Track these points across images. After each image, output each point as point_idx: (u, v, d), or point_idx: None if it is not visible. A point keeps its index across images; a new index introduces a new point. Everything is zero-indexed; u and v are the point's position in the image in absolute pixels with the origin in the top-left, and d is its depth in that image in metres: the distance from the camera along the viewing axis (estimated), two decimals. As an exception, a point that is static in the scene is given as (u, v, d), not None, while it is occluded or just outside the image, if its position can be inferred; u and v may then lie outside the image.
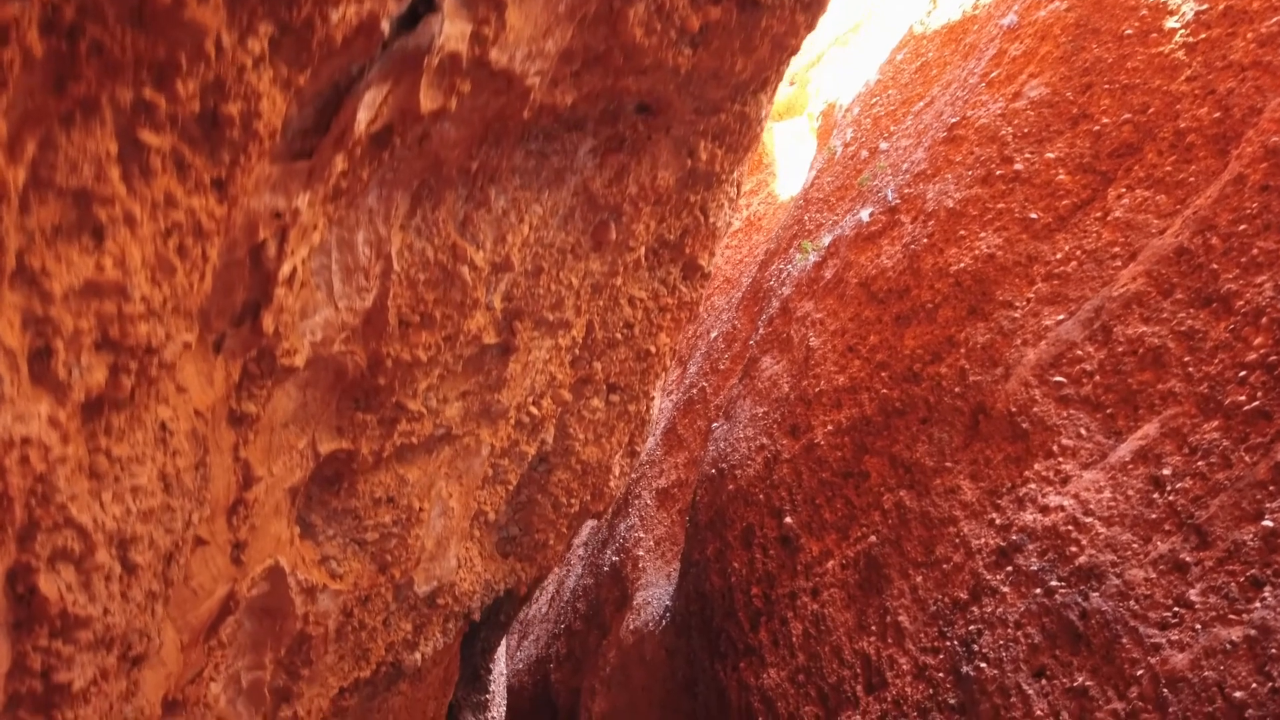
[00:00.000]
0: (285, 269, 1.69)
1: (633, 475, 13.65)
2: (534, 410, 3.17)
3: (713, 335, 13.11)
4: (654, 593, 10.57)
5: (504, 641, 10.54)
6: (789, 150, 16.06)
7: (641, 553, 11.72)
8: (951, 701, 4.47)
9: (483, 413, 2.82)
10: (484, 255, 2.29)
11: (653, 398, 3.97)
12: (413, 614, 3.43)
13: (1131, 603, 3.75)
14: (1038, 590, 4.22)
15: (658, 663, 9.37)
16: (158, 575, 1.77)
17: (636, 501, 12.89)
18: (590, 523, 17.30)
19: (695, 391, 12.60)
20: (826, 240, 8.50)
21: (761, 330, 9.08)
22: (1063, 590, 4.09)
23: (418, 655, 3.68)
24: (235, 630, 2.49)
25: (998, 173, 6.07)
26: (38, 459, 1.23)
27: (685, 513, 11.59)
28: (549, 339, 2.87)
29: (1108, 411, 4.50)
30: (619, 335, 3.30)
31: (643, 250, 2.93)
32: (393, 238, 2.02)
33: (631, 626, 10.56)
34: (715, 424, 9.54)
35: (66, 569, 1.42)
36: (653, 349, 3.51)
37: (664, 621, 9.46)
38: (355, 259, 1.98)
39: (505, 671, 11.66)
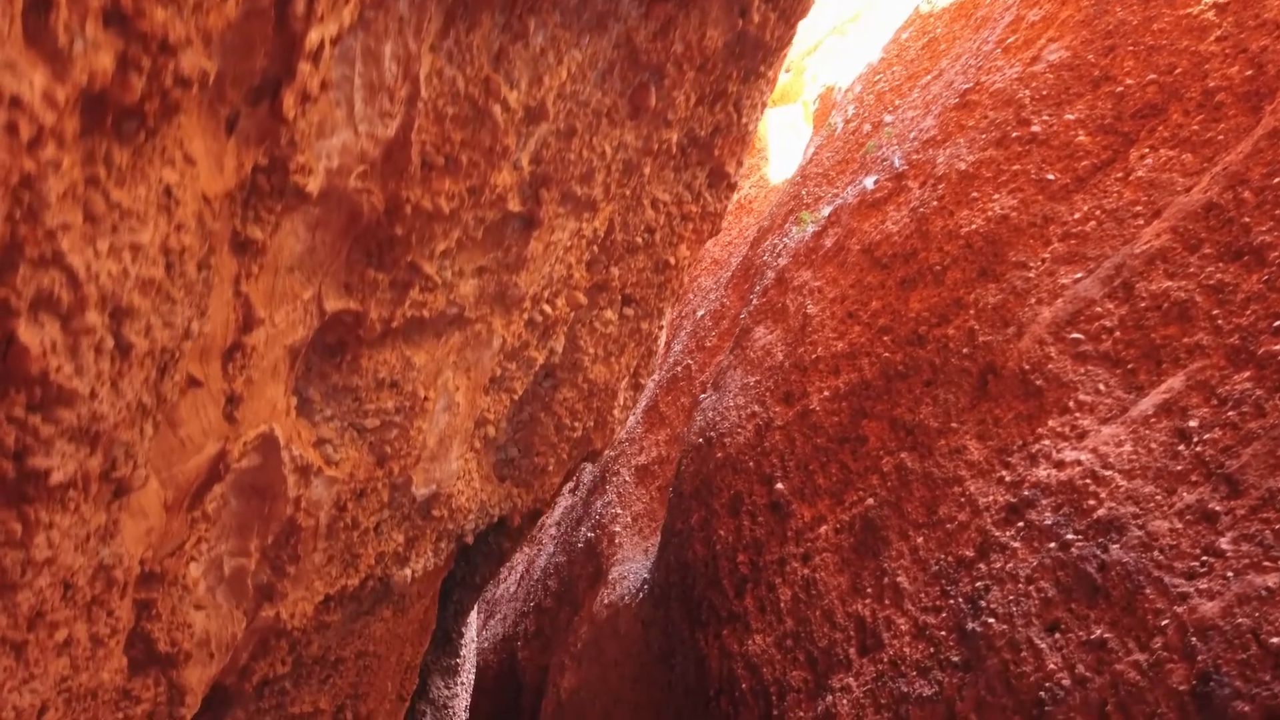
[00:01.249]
0: (313, 38, 1.47)
1: (611, 453, 13.46)
2: (547, 309, 2.95)
3: (699, 314, 12.94)
4: (630, 567, 10.38)
5: (475, 612, 10.29)
6: (782, 136, 15.95)
7: (618, 528, 11.52)
8: (955, 659, 4.31)
9: (498, 296, 2.59)
10: (518, 96, 2.07)
11: (664, 320, 3.77)
12: (406, 524, 3.20)
13: (1155, 553, 3.61)
14: (1051, 545, 4.07)
15: (632, 636, 9.17)
16: (150, 383, 1.54)
17: (614, 479, 12.69)
18: (564, 502, 17.09)
19: (680, 369, 12.43)
20: (826, 211, 8.35)
21: (755, 301, 8.91)
22: (1079, 544, 3.94)
23: (407, 571, 3.45)
24: (221, 506, 2.26)
25: (1014, 135, 5.93)
26: (28, 133, 1.01)
27: (665, 489, 11.40)
28: (573, 220, 2.65)
29: (1128, 367, 4.37)
30: (639, 240, 3.09)
31: (675, 137, 2.72)
32: (422, 57, 1.81)
33: (606, 601, 10.36)
34: (703, 395, 9.37)
35: (52, 323, 1.19)
36: (672, 260, 3.31)
37: (640, 594, 9.27)
38: (380, 75, 1.76)
39: (475, 640, 11.40)
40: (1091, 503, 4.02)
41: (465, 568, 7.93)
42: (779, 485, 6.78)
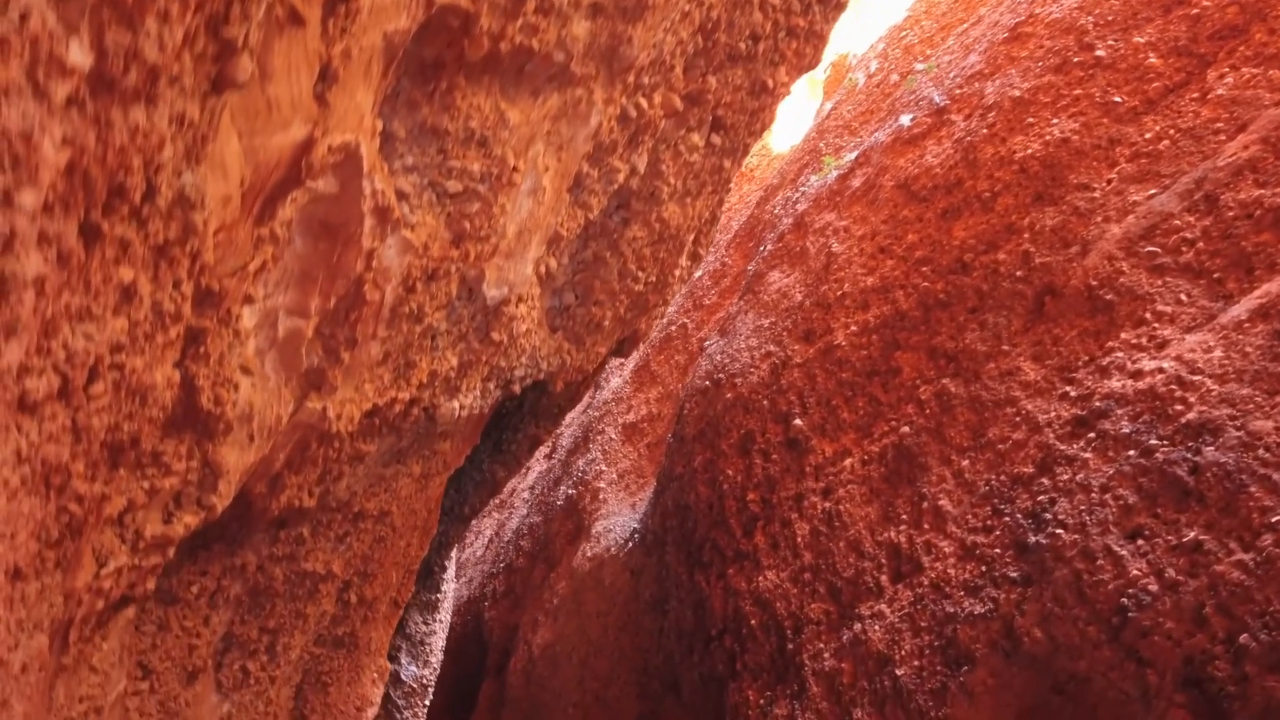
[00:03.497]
0: None
1: (595, 413, 13.11)
2: (643, 103, 2.60)
3: (696, 275, 12.61)
4: (616, 521, 10.04)
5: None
6: (786, 108, 15.68)
7: (603, 484, 11.18)
8: (1013, 575, 4.02)
9: (607, 54, 2.25)
10: None
11: (741, 163, 3.44)
12: (462, 345, 2.83)
13: (1260, 452, 3.34)
14: (1131, 452, 3.80)
15: (618, 586, 8.83)
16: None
17: (599, 438, 12.34)
18: (539, 466, 16.70)
19: (674, 328, 12.10)
20: (852, 155, 8.07)
21: (769, 247, 8.61)
22: (1164, 449, 3.67)
23: (455, 404, 3.08)
24: (288, 240, 1.88)
25: (1075, 60, 5.68)
26: None
27: (655, 446, 11.08)
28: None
29: (1214, 277, 4.11)
30: (742, 47, 2.76)
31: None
32: None
33: (589, 554, 10.00)
34: (708, 342, 9.04)
35: None
36: (769, 83, 2.98)
37: (630, 544, 8.93)
38: None
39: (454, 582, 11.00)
40: (1178, 408, 3.75)
41: (454, 497, 7.55)
42: (797, 422, 6.47)
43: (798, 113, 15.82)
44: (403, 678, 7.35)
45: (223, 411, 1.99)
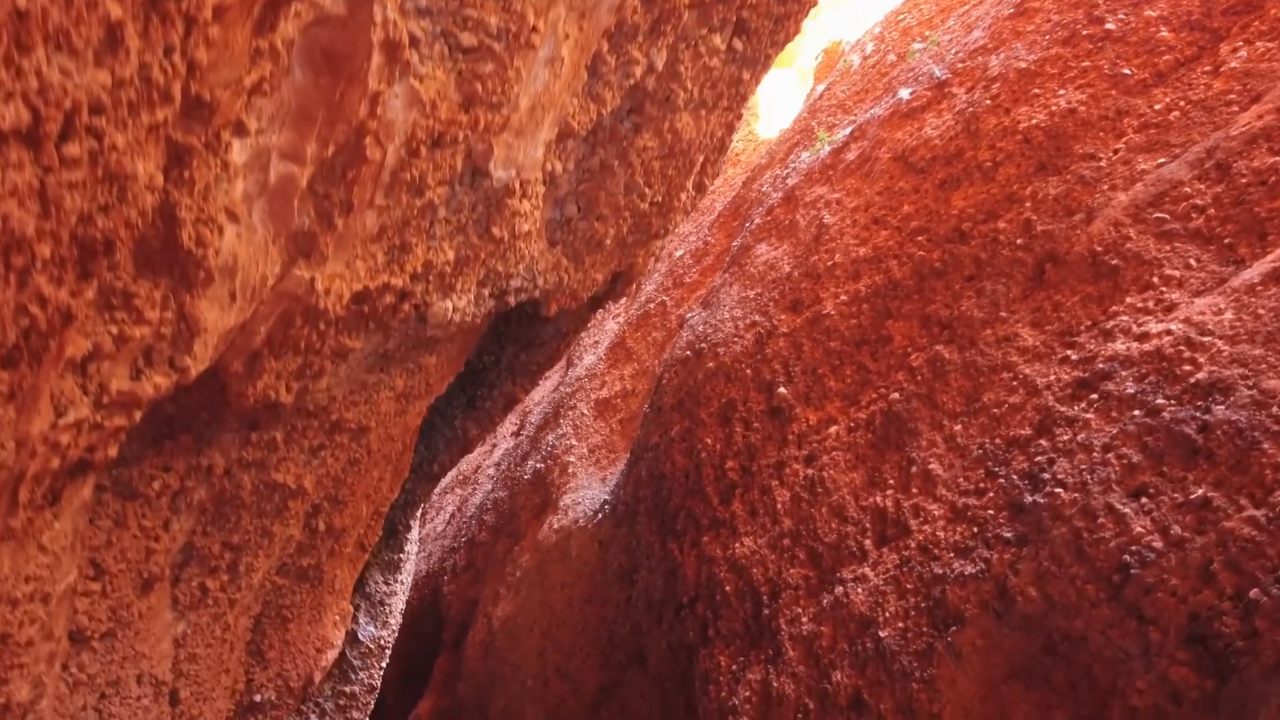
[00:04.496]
0: None
1: (566, 390, 12.93)
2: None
3: (678, 254, 12.47)
4: (585, 494, 9.87)
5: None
6: (774, 96, 15.59)
7: (572, 459, 11.00)
8: (1007, 535, 3.91)
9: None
10: None
11: (760, 81, 3.29)
12: (460, 238, 2.64)
13: (1275, 409, 3.25)
14: (1136, 412, 3.70)
15: (586, 558, 8.66)
16: None
17: (570, 413, 12.16)
18: (505, 445, 16.47)
19: (652, 306, 11.95)
20: (847, 131, 7.96)
21: (757, 221, 8.48)
22: (1172, 408, 3.58)
23: (448, 305, 2.89)
24: (286, 71, 1.69)
25: (1084, 32, 5.60)
26: None
27: (628, 422, 10.93)
28: None
29: (1225, 242, 4.04)
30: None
31: None
32: None
33: (555, 526, 9.83)
34: (689, 314, 8.91)
35: None
36: (799, -13, 2.83)
37: (599, 516, 8.76)
38: None
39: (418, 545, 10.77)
40: (1186, 368, 3.66)
41: (424, 453, 7.34)
42: (781, 390, 6.35)
43: (786, 101, 15.76)
44: (360, 637, 7.13)
45: (204, 256, 1.80)
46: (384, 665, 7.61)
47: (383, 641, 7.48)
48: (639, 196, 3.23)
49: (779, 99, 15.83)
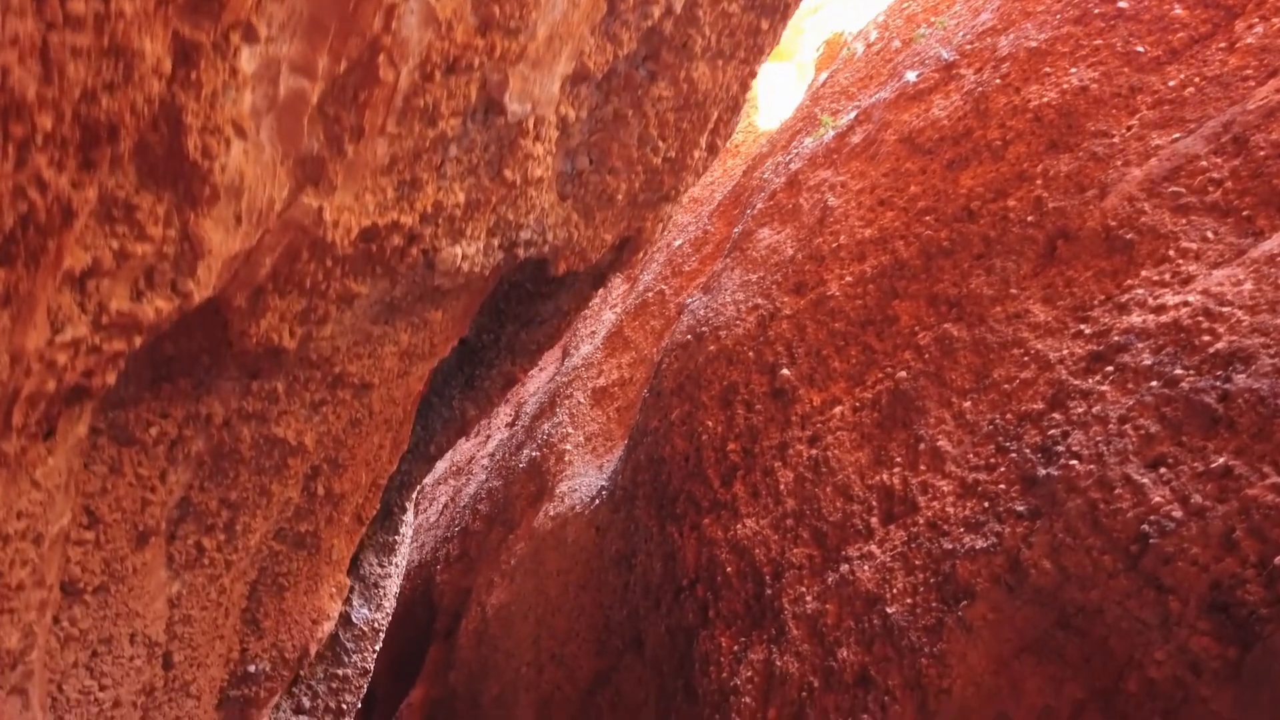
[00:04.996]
0: None
1: (563, 379, 12.84)
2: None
3: (676, 244, 12.40)
4: (582, 481, 9.79)
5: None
6: (774, 89, 15.54)
7: (569, 447, 10.92)
8: (1020, 509, 3.84)
9: None
10: None
11: (779, 35, 3.22)
12: (471, 180, 2.56)
13: (1297, 376, 3.19)
14: (1153, 383, 3.64)
15: (582, 544, 8.57)
16: None
17: (566, 402, 12.07)
18: (499, 435, 16.38)
19: (650, 295, 11.88)
20: (852, 115, 7.89)
21: (759, 206, 8.40)
22: (1190, 378, 3.52)
23: (457, 251, 2.80)
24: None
25: (1096, 11, 5.55)
26: None
27: (625, 410, 10.85)
28: None
29: (1243, 214, 3.98)
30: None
31: None
32: None
33: (551, 513, 9.74)
34: (690, 299, 8.83)
35: None
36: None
37: (596, 502, 8.68)
38: None
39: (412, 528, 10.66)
40: (1205, 339, 3.60)
41: (420, 434, 7.25)
42: (784, 371, 6.28)
43: (785, 95, 15.70)
44: (354, 620, 7.03)
45: (210, 170, 1.71)
46: (378, 648, 7.52)
47: (376, 624, 7.39)
48: (652, 150, 3.15)
49: (778, 93, 15.78)
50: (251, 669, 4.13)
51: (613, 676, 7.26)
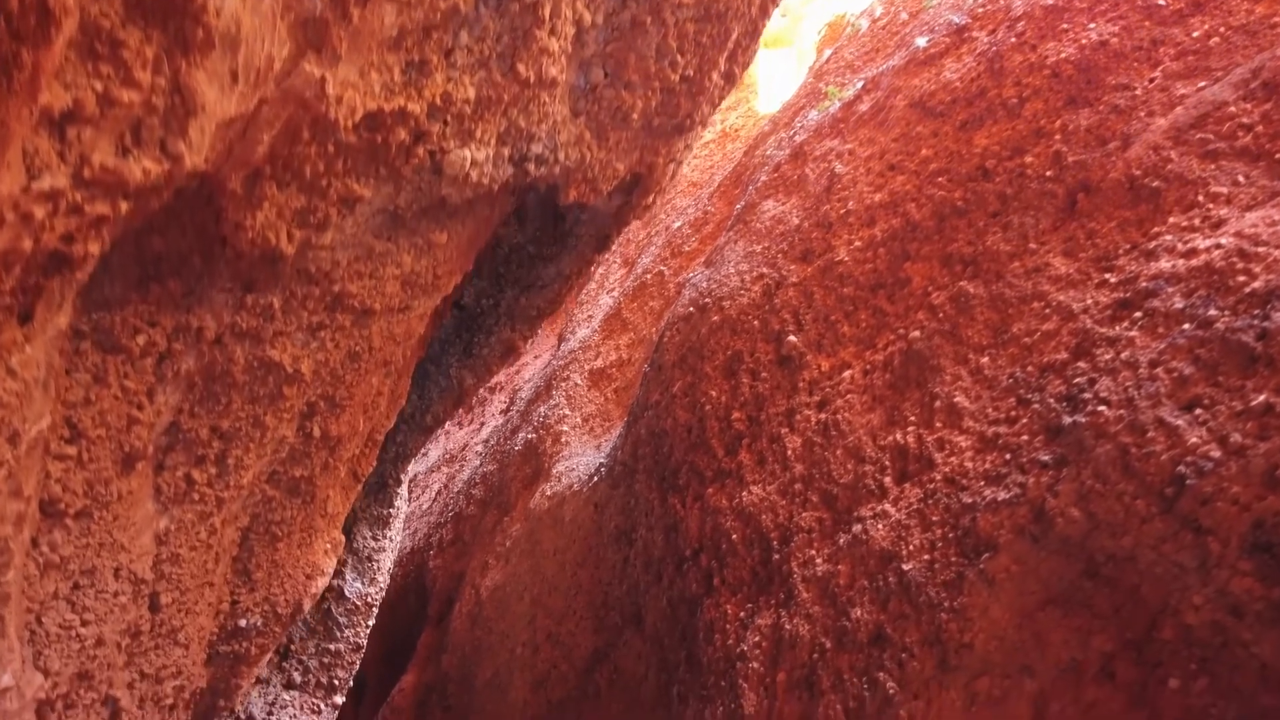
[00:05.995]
0: None
1: (559, 363, 12.68)
2: None
3: (675, 225, 12.25)
4: (579, 461, 9.63)
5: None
6: (773, 74, 15.41)
7: (565, 428, 10.76)
8: (1044, 458, 3.70)
9: None
10: None
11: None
12: (482, 73, 2.40)
13: (1342, 310, 3.06)
14: (1186, 325, 3.50)
15: (580, 521, 8.42)
16: None
17: (563, 384, 11.91)
18: (494, 421, 16.22)
19: (649, 276, 11.73)
20: (859, 85, 7.75)
21: (763, 178, 8.26)
22: (1226, 319, 3.38)
23: (466, 155, 2.64)
24: None
25: (1116, -33, 5.41)
26: None
27: (623, 391, 10.70)
28: None
29: (1276, 158, 3.85)
30: None
31: None
32: None
33: (548, 493, 9.58)
34: (691, 274, 8.68)
35: None
36: None
37: (595, 479, 8.52)
38: None
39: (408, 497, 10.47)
40: (1241, 279, 3.47)
41: (416, 403, 7.09)
42: (791, 338, 6.13)
43: (785, 81, 15.56)
44: (347, 594, 6.86)
45: (203, 9, 1.55)
46: (371, 623, 7.36)
47: (370, 599, 7.22)
48: (670, 65, 2.99)
49: (778, 79, 15.65)
50: (242, 623, 3.96)
51: (611, 653, 7.10)
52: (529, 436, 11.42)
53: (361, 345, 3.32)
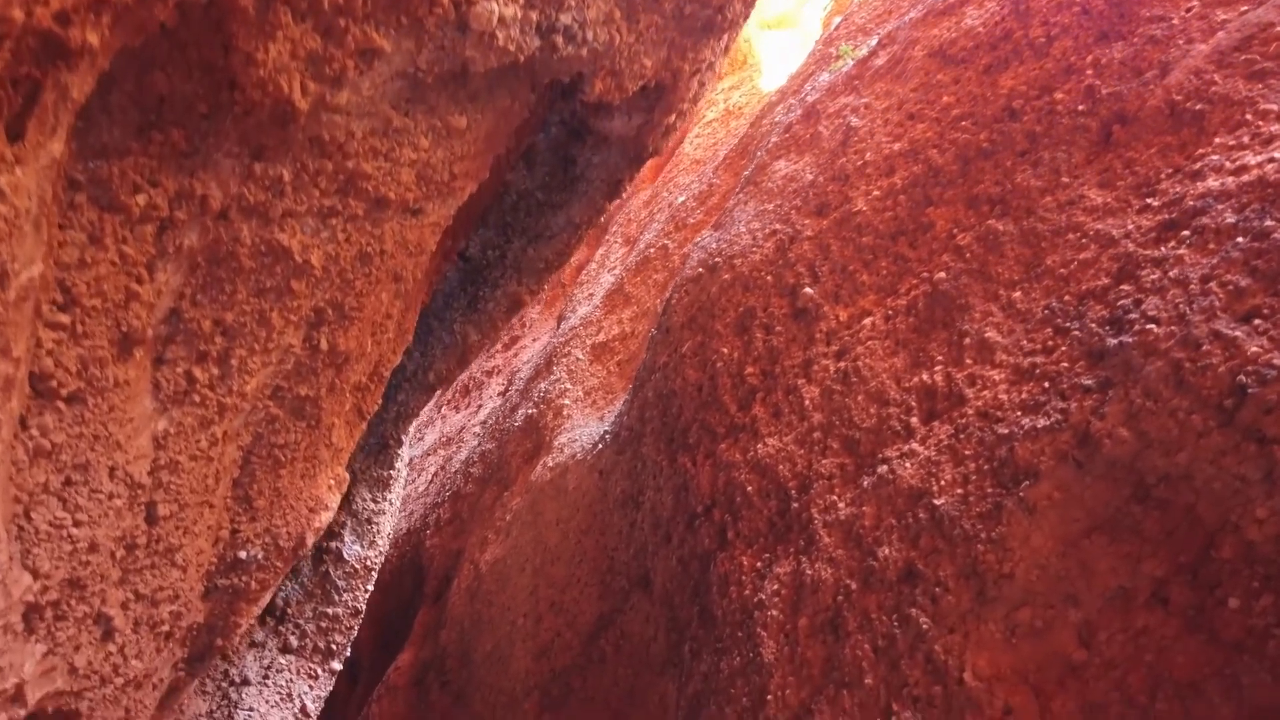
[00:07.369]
0: None
1: (559, 339, 12.49)
2: None
3: (679, 200, 12.07)
4: (582, 431, 9.44)
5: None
6: (777, 54, 15.26)
7: (567, 402, 10.57)
8: (1087, 382, 3.54)
9: None
10: None
11: None
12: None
13: None
14: (1239, 239, 3.34)
15: (584, 489, 8.23)
16: None
17: (564, 360, 11.72)
18: (492, 402, 16.01)
19: (653, 250, 11.55)
20: (873, 41, 7.59)
21: (774, 140, 8.09)
22: (1283, 228, 3.21)
23: (493, 8, 2.45)
24: None
25: (1147, -96, 5.24)
26: None
27: (626, 364, 10.52)
28: None
29: (1328, 72, 3.68)
30: None
31: None
32: None
33: (550, 464, 9.39)
34: (699, 238, 8.50)
35: None
36: None
37: (598, 447, 8.34)
38: None
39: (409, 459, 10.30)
40: (1297, 189, 3.30)
41: (419, 360, 6.90)
42: (807, 290, 5.96)
43: (791, 60, 15.40)
44: (345, 556, 6.67)
45: None
46: (369, 588, 7.16)
47: (369, 562, 7.03)
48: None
49: (782, 59, 15.50)
50: (242, 554, 3.76)
51: (617, 618, 6.92)
52: (529, 412, 11.23)
53: (373, 246, 3.13)
